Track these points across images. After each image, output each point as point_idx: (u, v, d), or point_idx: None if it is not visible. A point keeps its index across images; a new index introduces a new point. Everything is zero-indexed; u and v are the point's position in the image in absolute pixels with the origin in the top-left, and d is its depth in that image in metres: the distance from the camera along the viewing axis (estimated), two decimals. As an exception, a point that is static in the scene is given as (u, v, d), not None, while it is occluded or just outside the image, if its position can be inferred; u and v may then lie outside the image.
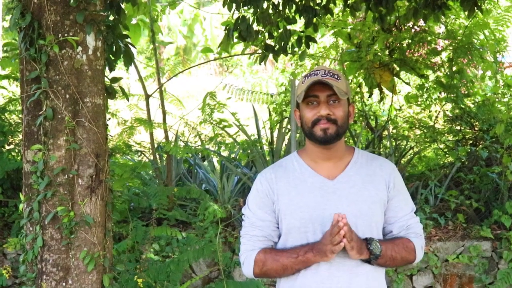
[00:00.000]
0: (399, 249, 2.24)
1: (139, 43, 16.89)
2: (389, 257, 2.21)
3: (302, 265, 2.18)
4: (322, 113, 2.17)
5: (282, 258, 2.21)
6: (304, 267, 2.18)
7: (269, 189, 2.29)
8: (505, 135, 5.37)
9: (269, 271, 2.24)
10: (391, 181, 2.29)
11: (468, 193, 5.79)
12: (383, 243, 2.21)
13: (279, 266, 2.21)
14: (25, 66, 3.04)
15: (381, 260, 2.19)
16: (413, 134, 7.10)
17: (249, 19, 4.42)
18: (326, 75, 2.19)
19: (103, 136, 3.12)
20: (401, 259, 2.26)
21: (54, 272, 3.03)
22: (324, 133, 2.18)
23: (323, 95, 2.18)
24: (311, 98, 2.19)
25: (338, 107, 2.19)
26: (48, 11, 2.97)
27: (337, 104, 2.19)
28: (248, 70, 15.02)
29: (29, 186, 3.07)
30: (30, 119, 3.06)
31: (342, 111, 2.20)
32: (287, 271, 2.21)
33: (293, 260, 2.18)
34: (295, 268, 2.19)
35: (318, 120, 2.18)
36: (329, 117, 2.17)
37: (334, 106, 2.19)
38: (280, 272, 2.23)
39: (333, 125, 2.18)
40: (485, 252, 5.20)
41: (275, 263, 2.22)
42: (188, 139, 7.10)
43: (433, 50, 6.41)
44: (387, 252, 2.20)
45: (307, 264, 2.17)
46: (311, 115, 2.19)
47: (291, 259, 2.18)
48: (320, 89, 2.17)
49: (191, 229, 5.42)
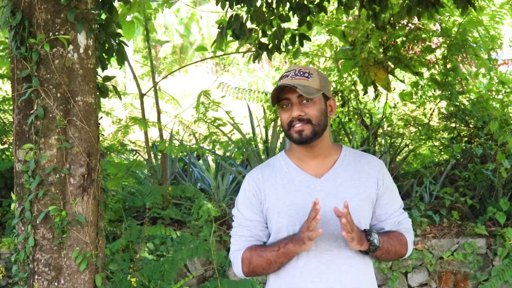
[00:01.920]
0: (393, 242, 2.26)
1: (136, 42, 16.91)
2: (385, 250, 2.23)
3: (284, 257, 2.18)
4: (293, 114, 2.18)
5: (265, 253, 2.21)
6: (287, 259, 2.19)
7: (256, 189, 2.29)
8: (499, 132, 5.38)
9: (256, 268, 2.24)
10: (380, 178, 2.29)
11: (463, 190, 5.80)
12: (380, 236, 2.22)
13: (264, 261, 2.21)
14: (16, 65, 3.02)
15: (378, 252, 2.20)
16: (408, 132, 7.10)
17: (243, 17, 4.41)
18: (296, 75, 2.20)
19: (95, 135, 3.11)
20: (395, 252, 2.27)
21: (46, 271, 3.02)
22: (299, 135, 2.19)
23: (293, 97, 2.18)
24: (284, 101, 2.20)
25: (311, 106, 2.19)
26: (39, 9, 2.96)
27: (310, 103, 2.19)
28: (245, 69, 14.99)
29: (20, 185, 3.06)
30: (21, 118, 3.04)
31: (315, 110, 2.19)
32: (272, 265, 2.21)
33: (275, 253, 2.18)
34: (279, 262, 2.20)
35: (291, 121, 2.19)
36: (301, 118, 2.17)
37: (307, 105, 2.18)
38: (266, 268, 2.23)
39: (308, 124, 2.18)
40: (480, 249, 5.21)
41: (260, 259, 2.22)
42: (183, 138, 7.09)
43: (428, 48, 6.41)
44: (384, 244, 2.21)
45: (289, 256, 2.17)
46: (285, 118, 2.21)
47: (273, 252, 2.19)
48: (290, 91, 2.18)
49: (186, 228, 5.42)
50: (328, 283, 2.18)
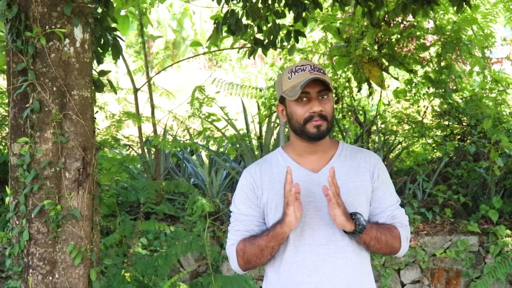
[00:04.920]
0: (384, 231, 2.23)
1: (128, 37, 16.83)
2: (374, 236, 2.20)
3: (274, 240, 2.18)
4: (315, 109, 2.17)
5: (256, 240, 2.22)
6: (277, 242, 2.18)
7: (254, 184, 2.30)
8: (492, 130, 5.40)
9: (250, 258, 2.24)
10: (375, 172, 2.30)
11: (456, 188, 5.82)
12: (368, 222, 2.20)
13: (256, 248, 2.21)
14: (12, 58, 3.00)
15: (367, 236, 2.17)
16: (401, 129, 7.12)
17: (238, 13, 4.41)
18: (313, 70, 2.20)
19: (90, 129, 3.10)
20: (386, 242, 2.23)
21: (40, 266, 3.00)
22: (317, 130, 2.18)
23: (314, 91, 2.18)
24: (302, 95, 2.18)
25: (328, 103, 2.20)
26: (35, 2, 2.94)
27: (327, 99, 2.20)
28: (238, 65, 14.98)
29: (15, 179, 3.04)
30: (16, 112, 3.03)
31: (330, 106, 2.21)
32: (264, 251, 2.21)
33: (265, 238, 2.19)
34: (270, 246, 2.19)
35: (311, 117, 2.17)
36: (321, 114, 2.17)
37: (324, 101, 2.19)
38: (259, 256, 2.23)
39: (325, 121, 2.19)
40: (472, 246, 5.24)
41: (252, 247, 2.23)
42: (176, 133, 7.08)
43: (422, 45, 6.43)
44: (373, 230, 2.19)
45: (278, 238, 2.17)
46: (302, 112, 2.19)
47: (264, 237, 2.20)
48: (311, 85, 2.17)
49: (179, 223, 5.42)
50: (325, 276, 2.18)
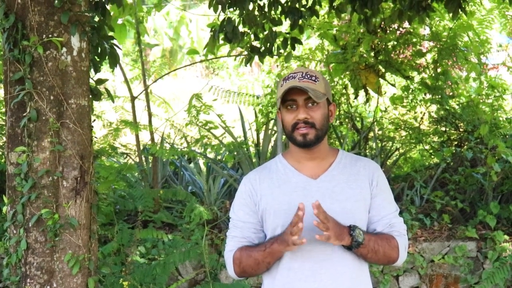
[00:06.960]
0: (382, 242, 2.22)
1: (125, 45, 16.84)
2: (372, 249, 2.19)
3: (271, 257, 2.18)
4: (299, 117, 2.18)
5: (253, 253, 2.22)
6: (273, 259, 2.19)
7: (252, 190, 2.30)
8: (489, 136, 5.41)
9: (246, 268, 2.25)
10: (374, 179, 2.29)
11: (453, 194, 5.83)
12: (366, 234, 2.19)
13: (252, 261, 2.22)
14: (9, 67, 3.01)
15: (364, 249, 2.17)
16: (398, 136, 7.13)
17: (235, 21, 4.42)
18: (304, 77, 2.20)
19: (88, 137, 3.10)
20: (383, 253, 2.23)
21: (38, 275, 3.00)
22: (303, 138, 2.19)
23: (300, 99, 2.18)
24: (289, 102, 2.19)
25: (316, 110, 2.19)
26: (32, 11, 2.95)
27: (315, 106, 2.19)
28: (234, 73, 15.00)
29: (12, 188, 3.04)
30: (14, 121, 3.03)
31: (320, 114, 2.20)
32: (260, 265, 2.22)
33: (262, 253, 2.19)
34: (266, 262, 2.20)
35: (296, 124, 2.19)
36: (306, 121, 2.18)
37: (312, 109, 2.19)
38: (255, 268, 2.23)
39: (312, 129, 2.18)
40: (471, 252, 5.24)
41: (249, 259, 2.23)
42: (174, 141, 7.08)
43: (418, 52, 6.45)
44: (370, 243, 2.18)
45: (274, 255, 2.18)
46: (290, 119, 2.20)
47: (260, 252, 2.20)
48: (298, 92, 2.17)
49: (177, 232, 5.41)
50: (322, 283, 2.18)
